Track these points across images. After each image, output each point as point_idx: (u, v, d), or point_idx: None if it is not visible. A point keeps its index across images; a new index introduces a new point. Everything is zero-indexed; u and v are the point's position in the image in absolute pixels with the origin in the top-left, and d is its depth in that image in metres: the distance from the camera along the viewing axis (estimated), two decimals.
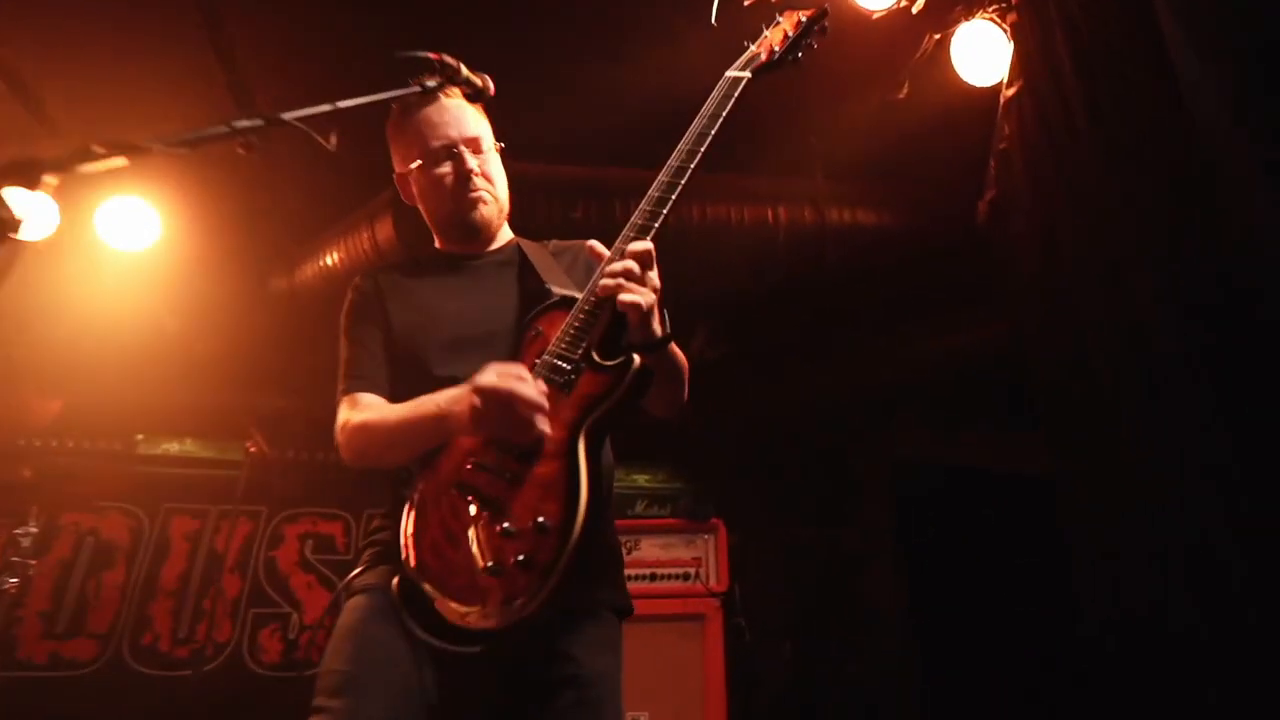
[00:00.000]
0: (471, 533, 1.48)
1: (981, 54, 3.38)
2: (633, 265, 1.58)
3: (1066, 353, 3.05)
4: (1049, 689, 4.23)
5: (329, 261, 4.42)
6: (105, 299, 4.29)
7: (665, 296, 1.64)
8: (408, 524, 1.56)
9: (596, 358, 1.58)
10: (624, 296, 1.55)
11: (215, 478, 5.09)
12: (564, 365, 1.58)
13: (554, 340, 1.63)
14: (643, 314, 1.55)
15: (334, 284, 4.44)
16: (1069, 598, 3.04)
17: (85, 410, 4.61)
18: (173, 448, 5.19)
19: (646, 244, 1.60)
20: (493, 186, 1.96)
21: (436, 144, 1.89)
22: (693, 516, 4.14)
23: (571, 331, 1.62)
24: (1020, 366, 3.55)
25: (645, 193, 1.71)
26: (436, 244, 2.09)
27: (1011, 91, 3.29)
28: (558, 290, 1.84)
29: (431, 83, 1.82)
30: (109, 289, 4.29)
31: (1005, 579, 4.65)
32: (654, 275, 1.61)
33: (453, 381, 1.68)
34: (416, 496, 1.59)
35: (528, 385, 1.50)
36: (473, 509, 1.51)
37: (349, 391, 1.82)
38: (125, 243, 4.32)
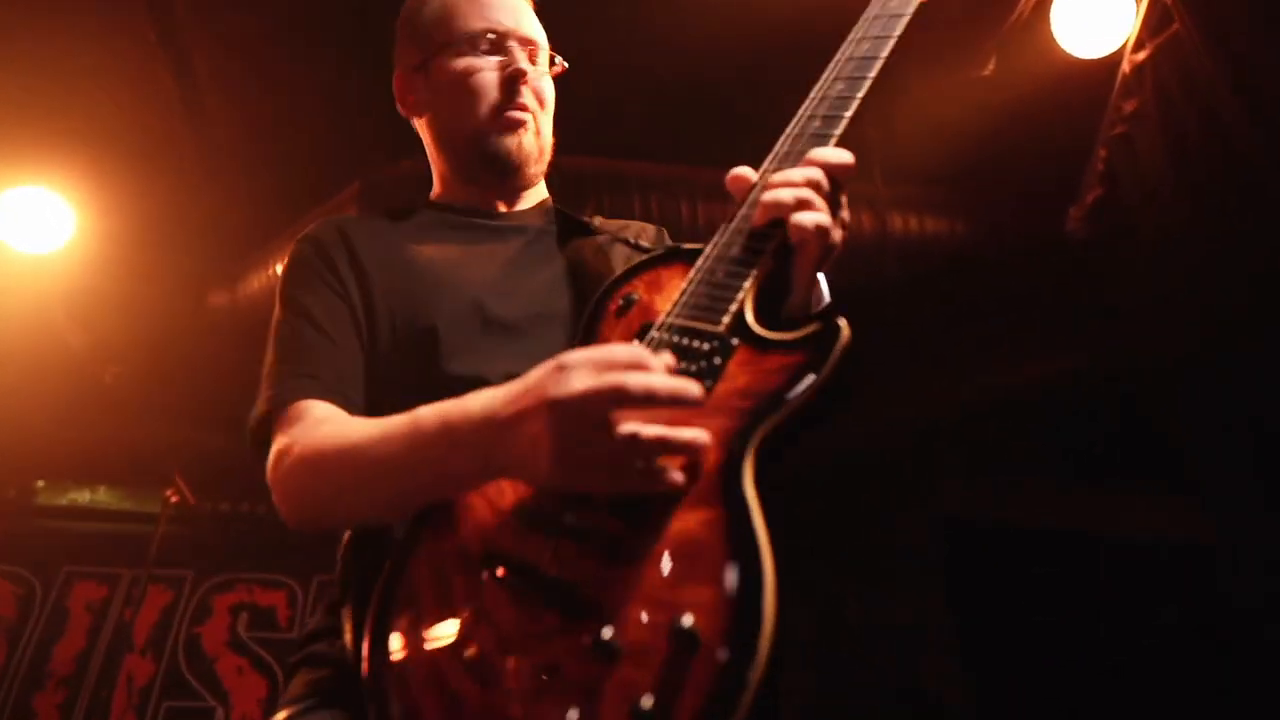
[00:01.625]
0: (523, 651, 0.73)
1: (1095, 15, 2.77)
2: (818, 174, 0.95)
3: (1229, 393, 2.37)
4: None
5: (279, 271, 3.66)
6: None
7: None
8: (382, 631, 0.79)
9: (757, 326, 0.89)
10: (805, 216, 0.92)
11: (130, 534, 4.16)
12: (696, 343, 0.88)
13: (669, 308, 0.94)
14: (831, 250, 0.95)
15: None
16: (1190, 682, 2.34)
17: None
18: (81, 497, 4.28)
19: (844, 153, 0.98)
20: (541, 113, 1.35)
21: (480, 25, 1.32)
22: None
23: (703, 288, 0.94)
24: (1111, 404, 2.88)
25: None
26: (435, 191, 1.42)
27: (1142, 56, 2.67)
28: (647, 243, 1.25)
29: None
30: (3, 297, 3.47)
31: (1093, 662, 3.92)
32: (845, 205, 0.99)
33: (479, 384, 0.96)
34: (403, 577, 0.83)
35: (658, 374, 0.78)
36: (525, 602, 0.76)
37: (289, 398, 1.06)
38: (27, 243, 3.55)
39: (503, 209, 1.36)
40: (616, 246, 1.32)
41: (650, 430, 0.75)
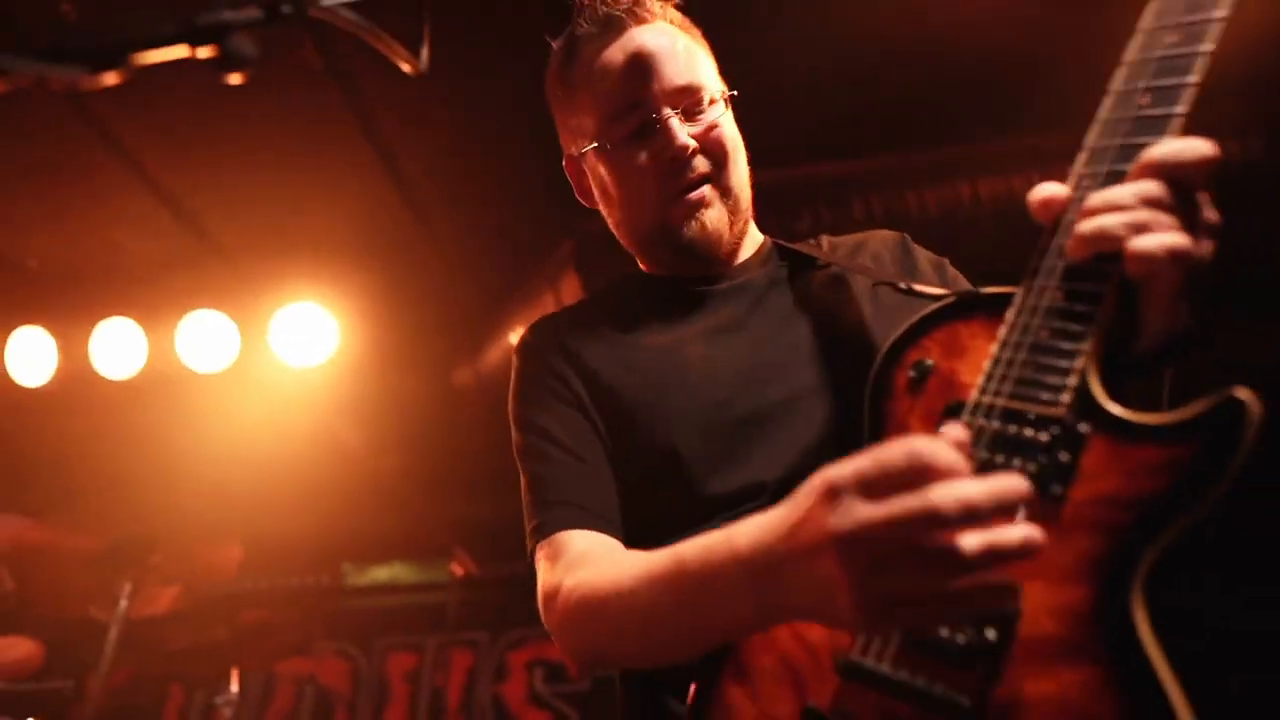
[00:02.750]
0: None
1: None
2: (1152, 187, 0.72)
3: None
4: None
5: (513, 339, 3.78)
6: (284, 424, 3.89)
7: None
8: None
9: (1112, 405, 0.68)
10: (1145, 241, 0.69)
11: (427, 604, 4.51)
12: (1029, 433, 0.68)
13: (980, 381, 0.74)
14: (1191, 269, 0.72)
15: None
16: None
17: (277, 546, 4.20)
18: (380, 575, 4.70)
19: (1191, 144, 0.73)
20: (722, 170, 1.14)
21: (616, 105, 1.13)
22: None
23: (1026, 355, 0.72)
24: None
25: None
26: (643, 266, 1.28)
27: None
28: (924, 289, 1.01)
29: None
30: (287, 412, 3.89)
31: None
32: (1207, 207, 0.75)
33: (753, 495, 0.90)
34: None
35: (955, 478, 0.58)
36: None
37: (546, 530, 1.01)
38: (301, 358, 3.94)
39: (722, 271, 1.20)
40: (857, 279, 1.13)
41: (980, 542, 0.56)
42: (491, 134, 3.50)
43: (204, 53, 0.67)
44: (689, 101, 1.12)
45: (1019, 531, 0.57)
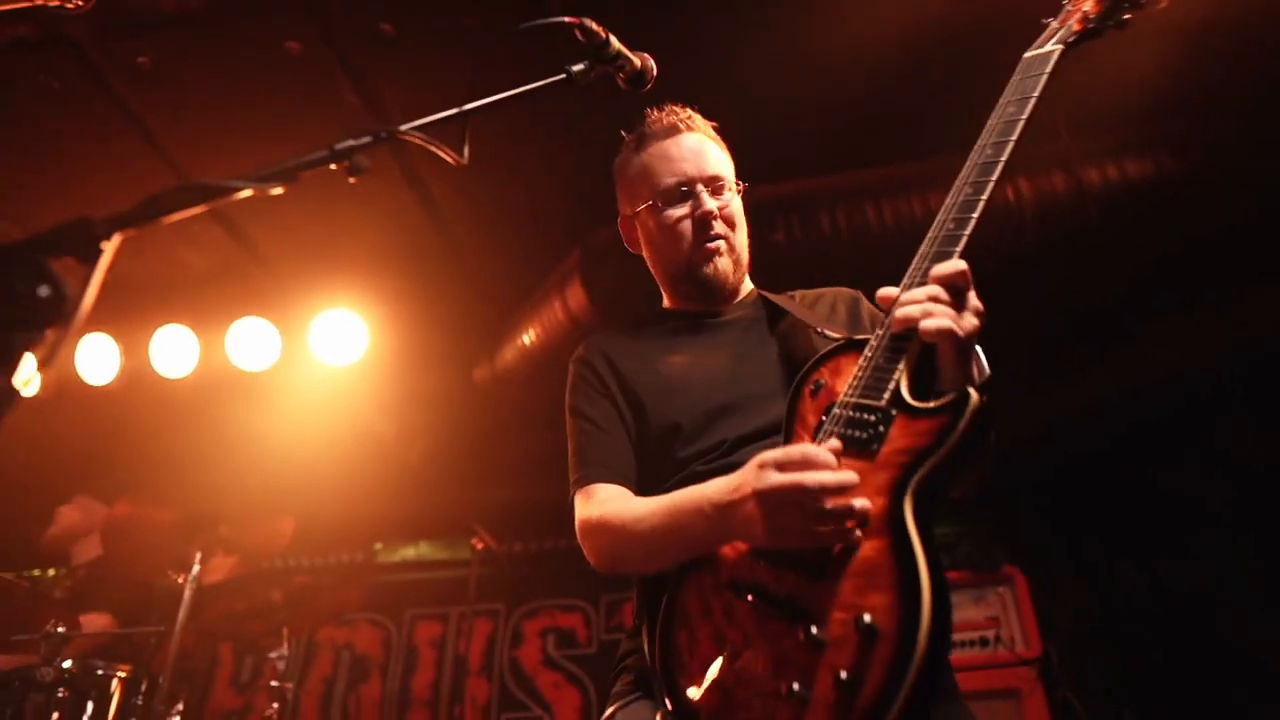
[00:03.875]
0: (761, 646, 1.04)
1: None
2: (937, 290, 1.16)
3: None
4: None
5: (526, 340, 4.25)
6: (322, 416, 4.36)
7: None
8: (668, 643, 1.15)
9: (911, 399, 1.14)
10: (929, 323, 1.14)
11: (451, 579, 5.00)
12: (865, 416, 1.15)
13: (845, 389, 1.22)
14: (959, 344, 1.15)
15: (534, 363, 4.25)
16: None
17: (319, 526, 4.68)
18: (409, 553, 5.18)
19: (956, 263, 1.19)
20: (733, 234, 1.66)
21: (671, 181, 1.63)
22: (980, 566, 3.42)
23: (869, 374, 1.20)
24: None
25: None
26: (666, 303, 1.79)
27: None
28: (832, 334, 1.47)
29: (577, 67, 1.42)
30: (324, 406, 4.36)
31: None
32: (973, 297, 1.20)
33: (709, 454, 1.40)
34: (678, 605, 1.19)
35: (821, 470, 1.07)
36: (759, 613, 1.08)
37: (583, 483, 1.48)
38: (337, 358, 4.40)
39: (719, 309, 1.69)
40: (819, 319, 1.60)
41: (829, 505, 1.04)
42: (510, 162, 3.92)
43: (336, 165, 1.15)
44: (715, 185, 1.63)
45: (859, 502, 1.04)
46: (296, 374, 4.35)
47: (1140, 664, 3.97)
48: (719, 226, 1.61)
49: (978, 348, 1.21)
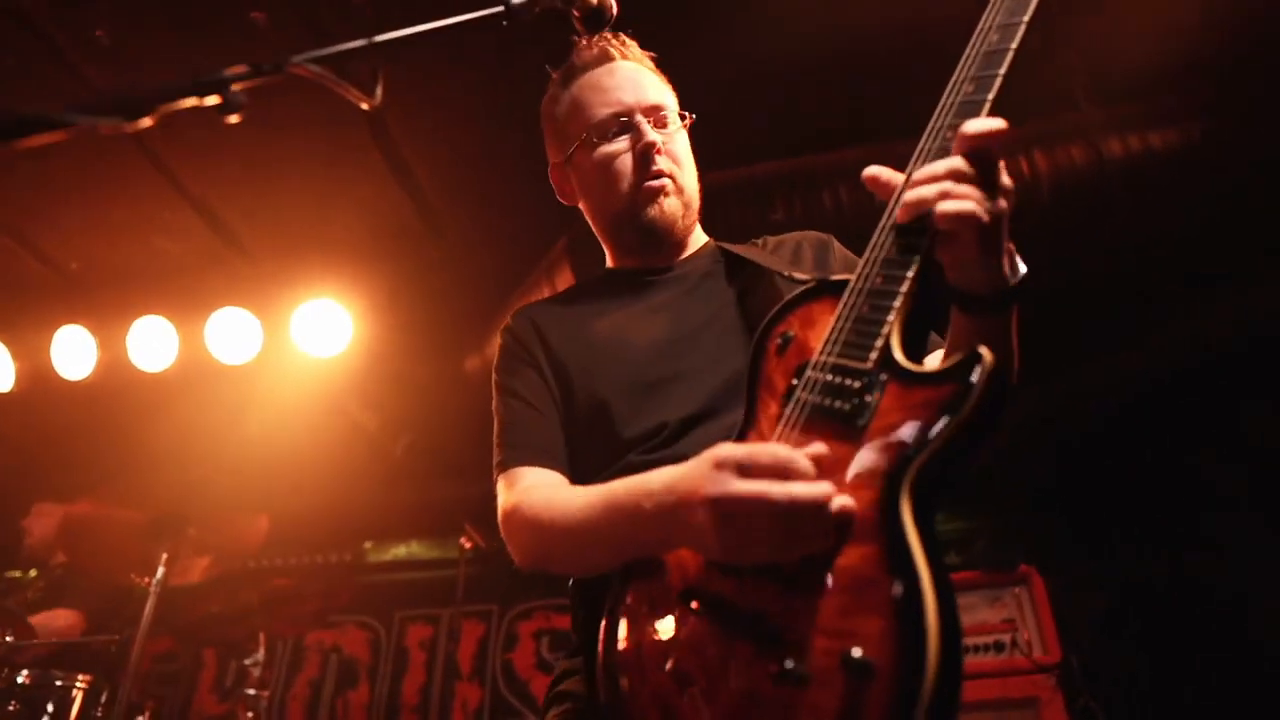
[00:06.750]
0: (725, 680, 0.82)
1: None
2: (960, 164, 0.91)
3: None
4: None
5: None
6: (305, 409, 4.18)
7: None
8: (612, 674, 0.93)
9: (905, 361, 0.88)
10: (948, 205, 0.88)
11: (443, 579, 4.81)
12: (847, 381, 0.90)
13: (821, 346, 0.95)
14: (984, 232, 0.89)
15: None
16: None
17: (303, 524, 4.51)
18: (399, 552, 5.00)
19: (986, 123, 0.92)
20: (680, 171, 1.41)
21: (605, 112, 1.40)
22: (995, 565, 3.20)
23: (850, 324, 0.94)
24: None
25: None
26: (609, 262, 1.55)
27: None
28: (800, 276, 1.23)
29: None
30: (307, 399, 4.19)
31: None
32: (1003, 173, 0.92)
33: (648, 441, 1.17)
34: (623, 623, 0.97)
35: (795, 481, 0.82)
36: (722, 634, 0.85)
37: (505, 466, 1.28)
38: (321, 349, 4.23)
39: (667, 262, 1.45)
40: (783, 263, 1.37)
41: (799, 514, 0.80)
42: (493, 146, 3.75)
43: (211, 101, 0.95)
44: (658, 115, 1.41)
45: (839, 501, 0.80)
46: (278, 366, 4.18)
47: (1168, 670, 3.74)
48: (663, 162, 1.38)
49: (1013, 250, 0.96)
